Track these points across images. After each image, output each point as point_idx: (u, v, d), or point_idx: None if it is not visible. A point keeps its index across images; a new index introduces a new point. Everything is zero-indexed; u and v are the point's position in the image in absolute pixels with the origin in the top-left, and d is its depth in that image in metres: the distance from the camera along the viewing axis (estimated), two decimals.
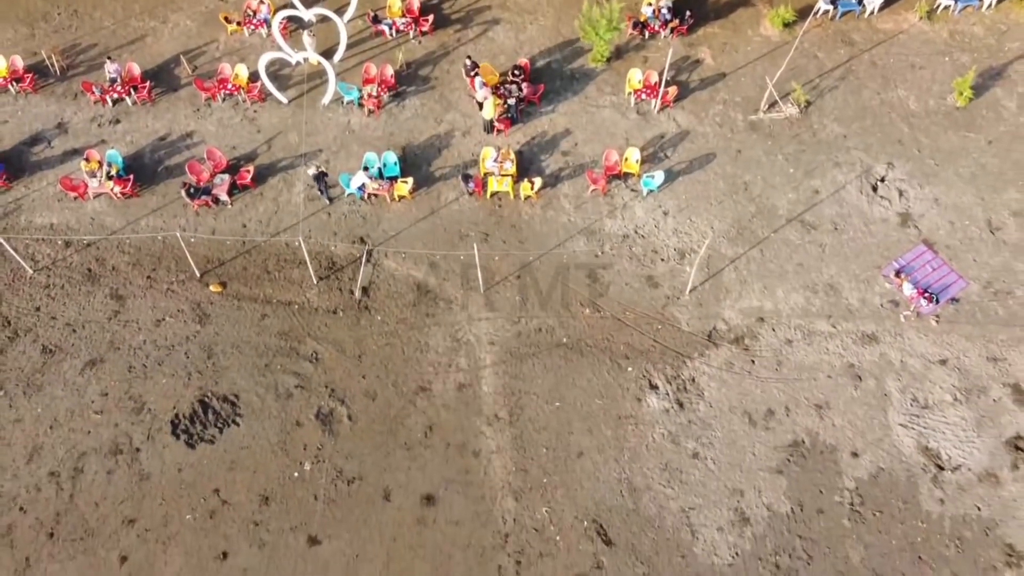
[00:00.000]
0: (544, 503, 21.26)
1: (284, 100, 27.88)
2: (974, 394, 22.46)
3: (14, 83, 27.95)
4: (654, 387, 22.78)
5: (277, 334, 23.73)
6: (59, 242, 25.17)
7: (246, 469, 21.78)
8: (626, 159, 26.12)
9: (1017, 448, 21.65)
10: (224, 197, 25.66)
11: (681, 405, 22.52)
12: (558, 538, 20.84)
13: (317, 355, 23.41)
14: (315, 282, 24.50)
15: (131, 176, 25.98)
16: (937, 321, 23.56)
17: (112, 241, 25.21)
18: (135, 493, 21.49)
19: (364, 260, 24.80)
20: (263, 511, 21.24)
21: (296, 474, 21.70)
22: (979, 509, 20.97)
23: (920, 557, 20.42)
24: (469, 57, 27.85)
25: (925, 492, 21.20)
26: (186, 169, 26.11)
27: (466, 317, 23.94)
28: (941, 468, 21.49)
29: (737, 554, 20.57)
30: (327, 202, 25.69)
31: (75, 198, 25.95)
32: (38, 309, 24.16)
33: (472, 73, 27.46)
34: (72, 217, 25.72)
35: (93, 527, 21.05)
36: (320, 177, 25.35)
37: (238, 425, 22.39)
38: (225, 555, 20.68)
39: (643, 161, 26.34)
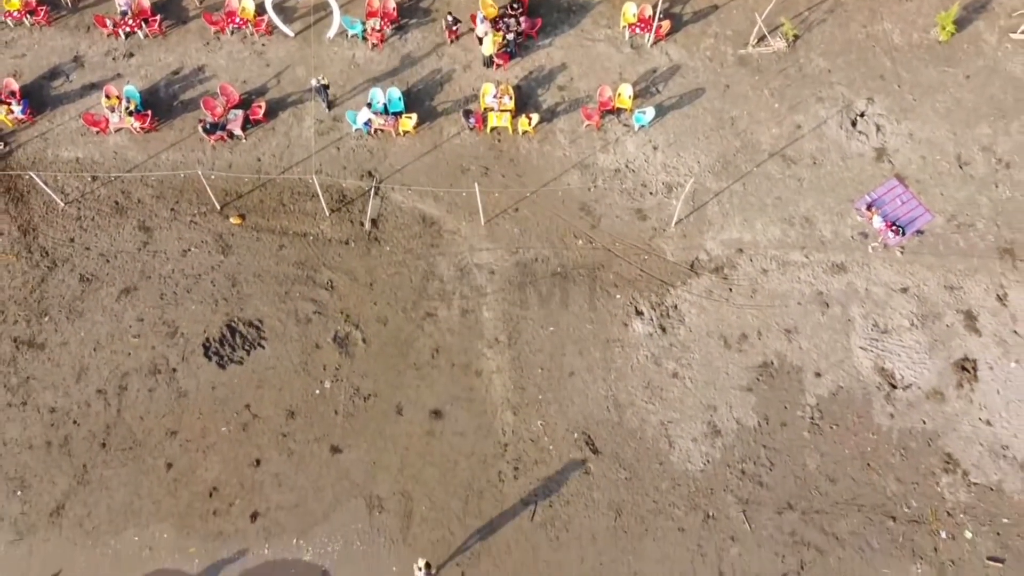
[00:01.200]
0: (539, 417, 23.93)
1: (290, 33, 28.85)
2: (930, 320, 24.76)
3: (28, 16, 28.84)
4: (640, 313, 25.06)
5: (294, 263, 25.80)
6: (86, 176, 26.84)
7: (273, 387, 24.34)
8: (619, 94, 27.43)
9: (963, 369, 24.13)
10: (238, 132, 27.13)
11: (664, 329, 24.85)
12: (551, 448, 23.62)
13: (332, 283, 25.56)
14: (327, 214, 26.34)
15: (149, 111, 27.35)
16: (902, 252, 25.58)
17: (135, 174, 26.88)
18: (175, 408, 24.13)
19: (372, 193, 26.55)
20: (290, 424, 23.94)
21: (318, 391, 24.28)
22: (924, 423, 23.66)
23: (868, 464, 23.25)
24: (450, 13, 28.44)
25: (878, 408, 23.83)
26: (201, 105, 27.45)
27: (468, 248, 25.94)
28: (894, 387, 24.04)
29: (708, 461, 23.40)
30: (327, 110, 27.18)
31: (97, 132, 27.41)
32: (72, 240, 26.12)
33: (453, 28, 28.29)
34: (96, 151, 27.27)
35: (140, 438, 23.81)
36: (322, 89, 26.75)
37: (263, 348, 24.80)
38: (258, 462, 23.52)
39: (635, 96, 27.65)
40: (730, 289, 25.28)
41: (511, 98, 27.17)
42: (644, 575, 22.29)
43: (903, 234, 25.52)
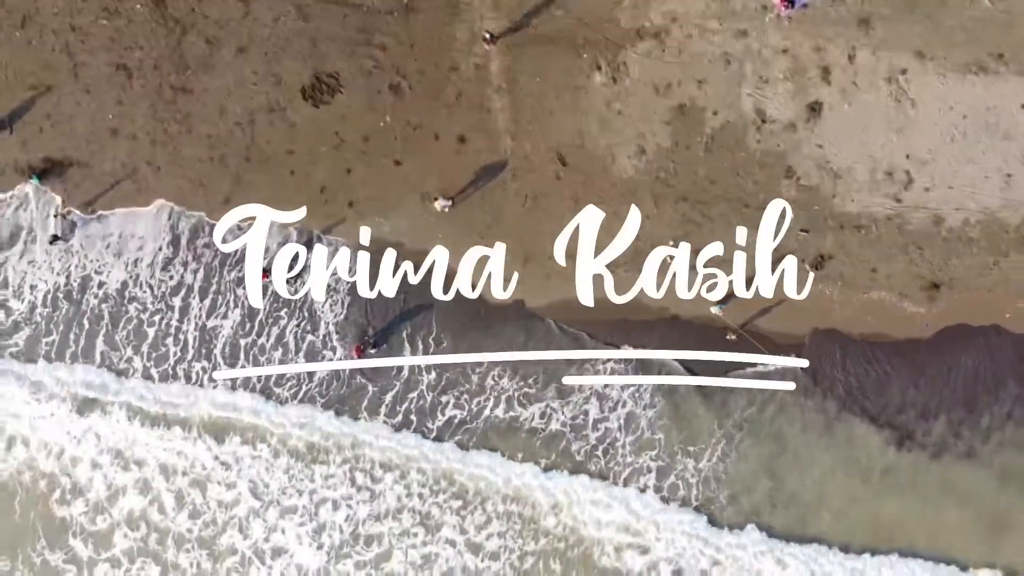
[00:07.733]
0: (529, 142, 36.52)
1: None
2: (797, 73, 35.85)
3: None
4: (599, 68, 36.13)
5: (356, 29, 36.15)
6: None
7: (352, 121, 36.58)
8: None
9: (812, 109, 35.94)
10: None
11: (614, 80, 36.18)
12: (536, 161, 36.61)
13: (384, 45, 36.24)
14: None
15: None
16: (789, 22, 35.67)
17: None
18: (289, 135, 36.69)
19: None
20: (365, 145, 36.68)
21: (382, 124, 36.56)
22: (779, 146, 36.22)
23: (738, 173, 36.34)
24: None
25: (751, 136, 36.15)
26: None
27: (479, 16, 36.01)
28: (764, 122, 36.12)
29: (636, 170, 36.55)
30: None
31: None
32: (192, 10, 36.14)
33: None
34: None
35: (270, 155, 36.79)
36: None
37: (342, 93, 36.48)
38: (349, 171, 36.80)
39: None
40: (663, 50, 35.97)
41: None
42: None
43: (792, 7, 35.36)
